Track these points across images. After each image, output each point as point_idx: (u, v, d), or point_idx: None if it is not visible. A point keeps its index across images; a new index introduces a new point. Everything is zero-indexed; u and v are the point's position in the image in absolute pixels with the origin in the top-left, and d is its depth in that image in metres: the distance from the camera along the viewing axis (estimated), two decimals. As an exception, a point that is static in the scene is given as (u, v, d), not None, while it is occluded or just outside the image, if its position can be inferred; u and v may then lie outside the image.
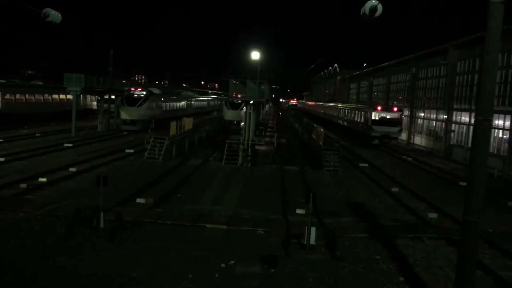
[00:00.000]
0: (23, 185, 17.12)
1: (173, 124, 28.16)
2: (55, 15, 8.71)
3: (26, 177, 18.52)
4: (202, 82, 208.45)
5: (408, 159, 32.95)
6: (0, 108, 39.71)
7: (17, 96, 42.88)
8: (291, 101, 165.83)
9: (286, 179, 22.15)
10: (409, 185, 21.94)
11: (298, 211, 15.39)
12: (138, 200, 15.85)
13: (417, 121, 44.84)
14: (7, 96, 41.14)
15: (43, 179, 18.30)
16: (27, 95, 44.60)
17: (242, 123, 30.01)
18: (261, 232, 13.22)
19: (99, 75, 41.43)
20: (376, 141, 40.07)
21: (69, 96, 51.26)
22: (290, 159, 29.61)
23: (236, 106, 48.06)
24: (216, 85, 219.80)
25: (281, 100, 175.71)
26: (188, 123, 32.42)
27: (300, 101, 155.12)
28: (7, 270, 9.62)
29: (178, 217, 13.97)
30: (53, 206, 14.43)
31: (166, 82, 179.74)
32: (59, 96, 50.24)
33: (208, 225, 13.47)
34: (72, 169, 20.94)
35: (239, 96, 29.29)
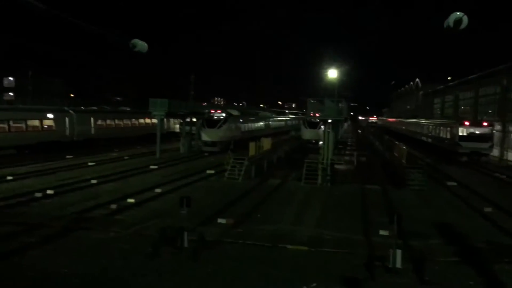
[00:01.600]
0: (113, 206, 18.09)
1: (252, 145, 28.54)
2: (142, 45, 9.21)
3: (115, 198, 19.60)
4: (280, 102, 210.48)
5: (502, 176, 30.72)
6: (92, 133, 42.60)
7: (107, 122, 45.84)
8: (371, 118, 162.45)
9: (367, 199, 21.50)
10: (504, 204, 20.37)
11: (382, 232, 14.79)
12: (220, 220, 16.10)
13: (511, 136, 41.82)
14: (99, 122, 44.08)
15: (131, 200, 19.23)
16: (116, 121, 47.53)
17: (321, 142, 29.73)
18: (343, 253, 12.85)
19: (181, 99, 43.32)
20: (464, 158, 37.88)
21: (154, 120, 54.28)
22: (371, 178, 28.75)
23: (314, 125, 47.85)
24: (294, 104, 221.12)
25: (359, 117, 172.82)
26: (266, 143, 32.70)
27: (380, 118, 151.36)
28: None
29: (259, 237, 13.98)
30: (140, 225, 15.05)
31: (244, 103, 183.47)
32: (144, 120, 53.01)
33: (289, 246, 13.34)
34: (158, 190, 21.82)
35: (316, 115, 29.09)
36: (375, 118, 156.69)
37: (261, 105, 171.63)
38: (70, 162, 31.83)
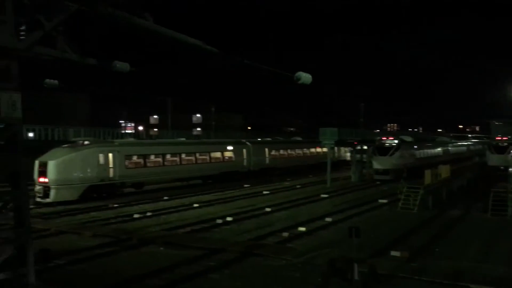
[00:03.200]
0: (285, 234, 18.60)
1: (427, 172, 26.74)
2: (306, 77, 9.47)
3: (287, 226, 20.14)
4: (460, 126, 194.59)
5: None
6: (267, 163, 44.88)
7: (280, 152, 47.87)
8: None
9: None
10: None
11: None
12: (393, 253, 15.28)
13: None
14: (272, 153, 46.29)
15: (302, 229, 19.54)
16: (288, 150, 49.35)
17: (510, 169, 26.44)
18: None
19: (351, 126, 43.13)
20: None
21: (325, 149, 54.94)
22: None
23: (501, 150, 42.89)
24: (477, 127, 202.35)
25: None
26: (444, 170, 30.32)
27: None
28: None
29: (436, 274, 12.85)
30: (311, 255, 15.13)
31: (420, 128, 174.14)
32: (315, 149, 53.96)
33: (472, 286, 11.96)
34: (328, 219, 21.81)
35: (504, 138, 26.02)
36: None
37: (438, 130, 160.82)
38: (247, 191, 33.94)
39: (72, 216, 23.61)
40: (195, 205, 26.85)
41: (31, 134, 47.61)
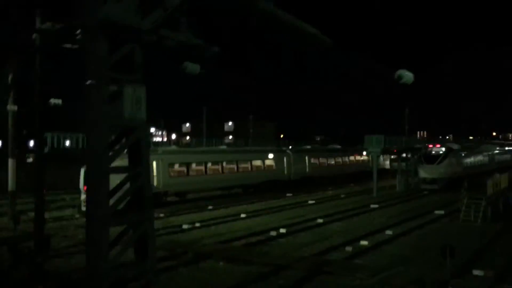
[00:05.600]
0: (348, 248, 17.43)
1: (490, 182, 25.13)
2: (408, 76, 8.45)
3: (347, 240, 18.97)
4: (494, 133, 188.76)
5: None
6: (307, 171, 43.67)
7: (320, 160, 46.61)
8: None
9: None
10: None
11: None
12: (475, 272, 13.96)
13: None
14: (312, 161, 45.06)
15: (365, 242, 18.34)
16: (328, 159, 48.03)
17: None
18: None
19: (394, 133, 41.74)
20: None
21: (363, 157, 53.41)
22: None
23: None
24: (511, 135, 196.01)
25: None
26: (503, 180, 28.59)
27: None
28: None
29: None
30: (386, 274, 13.94)
31: (451, 136, 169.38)
32: (354, 158, 52.52)
33: None
34: (389, 232, 20.54)
35: None
36: None
37: (470, 137, 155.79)
38: (291, 201, 32.85)
39: (120, 227, 22.93)
40: (243, 215, 25.92)
41: (67, 143, 47.71)
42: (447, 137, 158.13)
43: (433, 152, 40.23)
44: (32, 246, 15.36)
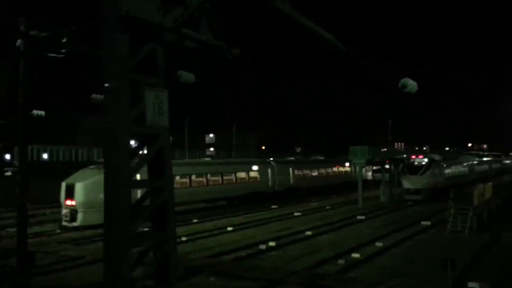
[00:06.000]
0: (341, 261, 17.17)
1: (476, 192, 25.30)
2: (412, 85, 8.29)
3: (338, 252, 18.71)
4: (470, 144, 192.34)
5: None
6: (291, 183, 43.43)
7: (304, 171, 46.45)
8: None
9: None
10: None
11: None
12: (471, 284, 13.83)
13: None
14: (296, 172, 44.87)
15: (356, 255, 18.12)
16: (311, 170, 47.91)
17: None
18: None
19: (374, 144, 41.98)
20: None
21: (346, 168, 53.51)
22: None
23: None
24: (485, 145, 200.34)
25: None
26: (487, 190, 28.83)
27: None
28: None
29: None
30: (383, 287, 13.73)
31: (428, 147, 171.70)
32: (337, 169, 52.55)
33: None
34: (379, 244, 20.38)
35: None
36: None
37: (446, 148, 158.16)
38: (277, 213, 32.50)
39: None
40: (229, 228, 25.45)
41: (45, 156, 46.49)
42: (424, 148, 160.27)
43: (416, 163, 40.52)
44: (13, 263, 14.72)
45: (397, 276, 14.99)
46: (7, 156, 42.77)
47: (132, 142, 7.11)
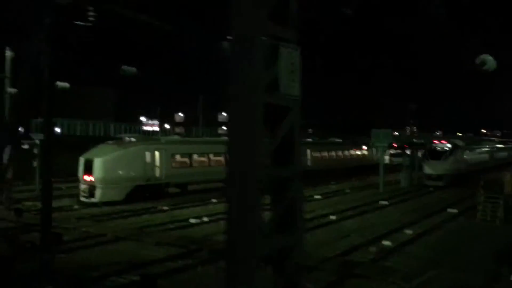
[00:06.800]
0: (372, 249, 16.50)
1: (508, 180, 24.32)
2: (492, 62, 7.44)
3: (367, 239, 18.02)
4: (483, 130, 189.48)
5: None
6: (309, 165, 42.59)
7: (322, 153, 45.57)
8: None
9: None
10: None
11: None
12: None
13: None
14: (314, 154, 44.02)
15: (387, 242, 17.41)
16: (329, 152, 47.01)
17: None
18: None
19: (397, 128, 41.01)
20: None
21: (364, 152, 52.58)
22: None
23: None
24: (498, 133, 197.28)
25: None
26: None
27: None
28: None
29: None
30: (419, 279, 13.01)
31: (440, 132, 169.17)
32: (355, 152, 51.63)
33: None
34: (408, 232, 19.64)
35: None
36: None
37: (458, 134, 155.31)
38: (296, 195, 31.84)
39: (124, 219, 21.88)
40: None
41: (57, 129, 45.89)
42: (437, 133, 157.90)
43: (438, 148, 39.49)
44: (33, 239, 14.24)
45: (432, 267, 14.25)
46: (20, 129, 42.36)
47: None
